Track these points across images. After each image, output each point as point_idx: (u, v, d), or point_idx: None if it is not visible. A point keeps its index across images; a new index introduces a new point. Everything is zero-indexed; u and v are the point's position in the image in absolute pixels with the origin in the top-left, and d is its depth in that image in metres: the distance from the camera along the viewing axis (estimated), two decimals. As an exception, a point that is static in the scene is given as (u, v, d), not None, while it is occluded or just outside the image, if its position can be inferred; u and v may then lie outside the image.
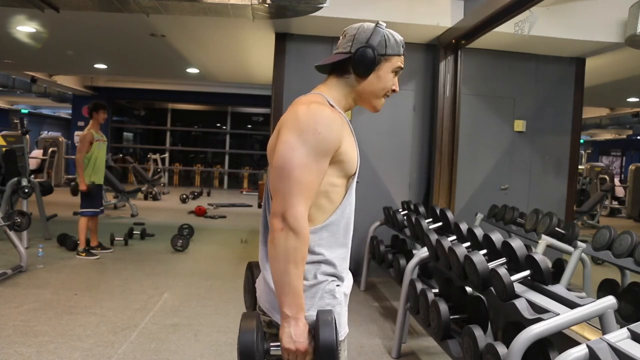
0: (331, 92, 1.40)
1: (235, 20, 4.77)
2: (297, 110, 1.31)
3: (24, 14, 5.16)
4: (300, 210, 1.23)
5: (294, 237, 1.21)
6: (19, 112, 17.10)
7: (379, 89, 1.41)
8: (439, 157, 5.05)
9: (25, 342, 3.19)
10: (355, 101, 1.44)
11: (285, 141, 1.27)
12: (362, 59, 1.36)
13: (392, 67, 1.41)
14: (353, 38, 1.38)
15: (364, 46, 1.36)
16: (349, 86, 1.41)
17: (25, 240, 5.66)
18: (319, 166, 1.26)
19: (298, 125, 1.27)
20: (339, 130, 1.30)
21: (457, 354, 2.61)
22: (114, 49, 7.27)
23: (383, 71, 1.40)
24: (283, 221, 1.22)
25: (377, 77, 1.39)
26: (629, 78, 7.01)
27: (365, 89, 1.41)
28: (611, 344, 1.65)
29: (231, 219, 9.20)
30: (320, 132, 1.25)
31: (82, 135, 5.52)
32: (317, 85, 1.45)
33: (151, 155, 13.81)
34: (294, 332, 1.22)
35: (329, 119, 1.28)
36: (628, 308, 2.94)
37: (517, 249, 2.42)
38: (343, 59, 1.38)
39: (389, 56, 1.39)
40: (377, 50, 1.37)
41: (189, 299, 4.27)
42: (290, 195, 1.23)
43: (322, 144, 1.26)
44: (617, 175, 17.54)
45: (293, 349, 1.22)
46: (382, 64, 1.39)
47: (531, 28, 3.83)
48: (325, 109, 1.31)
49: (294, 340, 1.22)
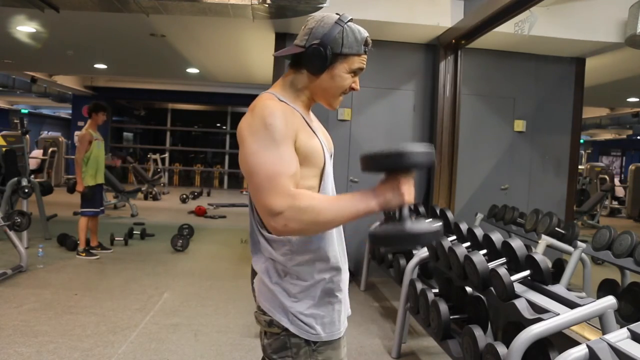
0: (284, 90, 1.34)
1: (235, 20, 4.77)
2: (246, 116, 1.28)
3: (24, 14, 5.16)
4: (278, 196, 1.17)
5: (294, 212, 1.16)
6: (19, 112, 17.10)
7: (333, 88, 1.33)
8: (439, 157, 5.05)
9: (25, 342, 3.19)
10: (311, 98, 1.37)
11: (244, 149, 1.24)
12: (313, 56, 1.27)
13: (350, 68, 1.31)
14: (310, 32, 1.30)
15: (316, 43, 1.27)
16: (302, 82, 1.34)
17: (25, 240, 5.66)
18: (283, 151, 1.21)
19: (250, 130, 1.24)
20: (289, 119, 1.25)
21: (457, 354, 2.61)
22: (114, 49, 7.27)
23: (338, 70, 1.30)
24: (274, 217, 1.17)
25: (330, 77, 1.30)
26: (629, 78, 7.01)
27: (318, 87, 1.33)
28: (611, 344, 1.65)
29: (231, 219, 9.20)
30: (270, 123, 1.21)
31: (80, 135, 5.52)
32: (276, 82, 1.40)
33: (151, 155, 13.81)
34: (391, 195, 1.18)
35: (274, 110, 1.24)
36: (628, 308, 2.94)
37: (517, 249, 2.42)
38: (297, 53, 1.32)
39: (345, 55, 1.29)
40: (332, 48, 1.28)
41: (189, 299, 4.27)
42: (265, 192, 1.18)
43: (277, 133, 1.21)
44: (617, 175, 17.54)
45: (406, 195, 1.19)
46: (336, 64, 1.29)
47: (531, 28, 3.83)
48: (269, 102, 1.27)
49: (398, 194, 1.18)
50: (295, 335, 1.32)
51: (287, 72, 1.38)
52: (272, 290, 1.33)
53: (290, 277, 1.32)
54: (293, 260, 1.30)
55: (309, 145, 1.28)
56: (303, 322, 1.31)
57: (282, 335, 1.33)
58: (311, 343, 1.33)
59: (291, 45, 1.35)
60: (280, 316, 1.32)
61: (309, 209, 1.16)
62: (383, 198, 1.18)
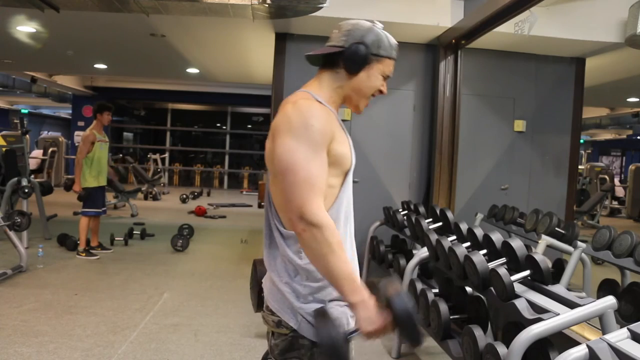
0: (320, 90, 1.39)
1: (235, 20, 4.77)
2: (286, 111, 1.31)
3: (24, 14, 5.16)
4: (315, 204, 1.22)
5: (319, 232, 1.21)
6: (19, 112, 17.08)
7: (367, 88, 1.39)
8: (439, 157, 5.04)
9: (25, 342, 3.19)
10: (343, 99, 1.42)
11: (281, 144, 1.27)
12: (354, 54, 1.34)
13: (383, 70, 1.39)
14: (348, 33, 1.37)
15: (358, 42, 1.34)
16: (338, 81, 1.39)
17: (25, 240, 5.65)
18: (320, 158, 1.26)
19: (290, 126, 1.27)
20: (329, 122, 1.30)
21: (457, 354, 2.61)
22: (114, 49, 7.26)
23: (374, 70, 1.38)
24: (303, 222, 1.22)
25: (367, 76, 1.38)
26: (629, 78, 7.00)
27: (354, 86, 1.39)
28: (611, 344, 1.65)
29: (231, 219, 9.20)
30: (312, 124, 1.26)
31: (84, 135, 5.51)
32: (309, 81, 1.43)
33: (151, 155, 13.81)
34: (367, 315, 1.21)
35: (316, 112, 1.28)
36: (628, 308, 2.94)
37: (517, 249, 2.42)
38: (335, 53, 1.37)
39: (381, 57, 1.37)
40: (370, 48, 1.35)
41: (189, 299, 4.27)
42: (301, 194, 1.23)
43: (317, 136, 1.26)
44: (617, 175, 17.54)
45: (373, 330, 1.22)
46: (373, 64, 1.37)
47: (531, 28, 3.83)
48: (312, 102, 1.31)
49: (371, 323, 1.21)
50: (304, 337, 1.32)
51: (320, 72, 1.42)
52: (281, 290, 1.33)
53: (300, 277, 1.33)
54: (305, 259, 1.31)
55: (341, 150, 1.33)
56: (312, 323, 1.31)
57: (290, 336, 1.34)
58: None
59: (323, 46, 1.41)
60: (288, 317, 1.33)
61: (329, 245, 1.21)
62: (362, 311, 1.22)
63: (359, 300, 1.22)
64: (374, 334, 1.22)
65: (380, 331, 1.22)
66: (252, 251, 6.32)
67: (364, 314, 1.22)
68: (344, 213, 1.37)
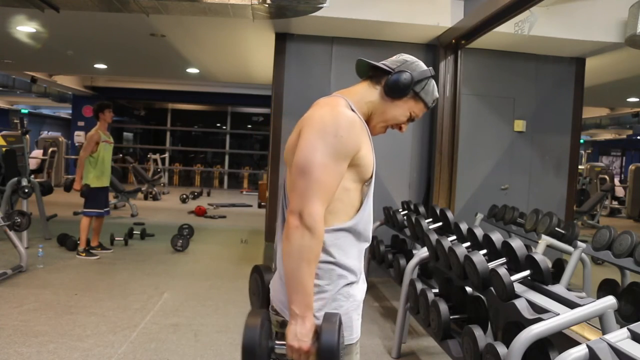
0: (355, 97, 1.41)
1: (235, 20, 4.77)
2: (321, 111, 1.32)
3: (24, 14, 5.16)
4: (317, 209, 1.24)
5: (309, 236, 1.23)
6: (19, 112, 17.09)
7: (392, 117, 1.43)
8: (439, 157, 5.05)
9: (25, 342, 3.19)
10: (369, 115, 1.44)
11: (307, 139, 1.28)
12: (398, 81, 1.39)
13: (413, 110, 1.44)
14: (404, 62, 1.42)
15: (408, 72, 1.39)
16: (372, 97, 1.42)
17: (25, 240, 5.65)
18: (338, 168, 1.28)
19: (320, 127, 1.29)
20: (359, 134, 1.32)
21: (457, 354, 2.61)
22: (114, 49, 7.26)
23: (406, 105, 1.42)
24: (299, 219, 1.23)
25: (398, 106, 1.42)
26: (629, 78, 7.01)
27: (383, 109, 1.42)
28: (611, 344, 1.65)
29: (231, 219, 9.20)
30: (342, 135, 1.27)
31: (89, 135, 5.50)
32: (348, 88, 1.46)
33: (151, 155, 13.81)
34: (299, 331, 1.23)
35: (350, 123, 1.30)
36: (628, 308, 2.94)
37: (517, 249, 2.42)
38: (384, 70, 1.41)
39: (419, 98, 1.43)
40: (415, 84, 1.40)
41: (189, 299, 4.27)
42: (308, 193, 1.24)
43: (343, 147, 1.28)
44: (617, 175, 17.54)
45: (296, 347, 1.23)
46: (409, 99, 1.42)
47: (531, 28, 3.83)
48: (347, 112, 1.33)
49: (299, 339, 1.23)
50: None
51: (361, 82, 1.46)
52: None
53: None
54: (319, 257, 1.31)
55: (367, 160, 1.35)
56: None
57: None
58: None
59: (380, 62, 1.44)
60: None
61: (307, 251, 1.24)
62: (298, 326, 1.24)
63: (300, 313, 1.24)
64: (295, 351, 1.24)
65: (303, 353, 1.24)
66: (252, 251, 6.32)
67: (297, 329, 1.24)
68: (363, 225, 1.37)
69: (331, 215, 1.32)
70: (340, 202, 1.32)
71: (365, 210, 1.37)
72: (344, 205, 1.33)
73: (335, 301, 1.33)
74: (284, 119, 5.16)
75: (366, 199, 1.37)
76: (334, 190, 1.28)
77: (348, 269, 1.35)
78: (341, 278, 1.34)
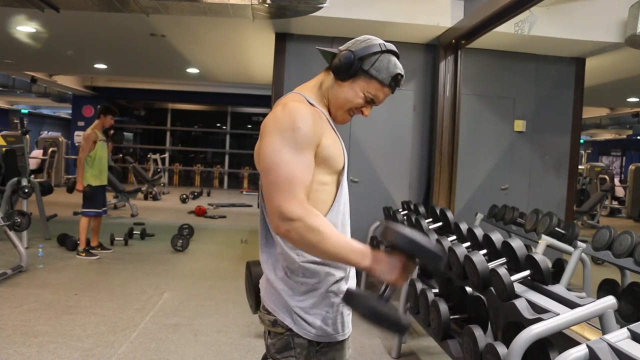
0: (312, 91, 1.39)
1: (235, 20, 4.77)
2: (275, 111, 1.31)
3: (24, 14, 5.16)
4: (294, 202, 1.20)
5: (301, 223, 1.19)
6: (19, 112, 17.09)
7: (344, 100, 1.36)
8: (439, 157, 5.05)
9: (25, 342, 3.19)
10: (327, 104, 1.40)
11: (267, 144, 1.27)
12: (341, 61, 1.33)
13: (367, 89, 1.35)
14: (354, 42, 1.36)
15: (350, 51, 1.33)
16: (327, 84, 1.39)
17: (25, 240, 5.65)
18: (305, 159, 1.25)
19: (277, 126, 1.27)
20: (317, 123, 1.29)
21: (457, 354, 2.60)
22: (114, 49, 7.27)
23: (357, 85, 1.34)
24: (284, 220, 1.21)
25: (349, 88, 1.35)
26: (629, 78, 7.00)
27: (335, 93, 1.37)
28: (611, 344, 1.65)
29: (231, 219, 9.20)
30: (299, 126, 1.25)
31: (85, 134, 5.51)
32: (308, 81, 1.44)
33: (151, 155, 13.81)
34: (386, 267, 1.21)
35: (305, 114, 1.28)
36: (628, 308, 2.94)
37: (517, 249, 2.42)
38: (335, 55, 1.36)
39: (370, 76, 1.33)
40: (362, 62, 1.32)
41: (189, 299, 4.27)
42: (280, 194, 1.22)
43: (303, 138, 1.25)
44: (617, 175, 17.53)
45: (398, 275, 1.22)
46: (359, 79, 1.34)
47: (531, 28, 3.83)
48: (301, 105, 1.30)
49: (392, 270, 1.21)
50: (299, 336, 1.33)
51: (322, 72, 1.42)
52: (277, 289, 1.33)
53: (296, 274, 1.33)
54: (303, 257, 1.31)
55: (333, 150, 1.32)
56: (307, 322, 1.32)
57: (286, 335, 1.34)
58: (314, 344, 1.34)
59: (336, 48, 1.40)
60: (284, 316, 1.33)
61: (315, 231, 1.19)
62: (378, 266, 1.21)
63: (370, 261, 1.21)
64: (400, 278, 1.22)
65: (404, 273, 1.21)
66: (252, 251, 6.32)
67: (381, 268, 1.21)
68: (341, 216, 1.37)
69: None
70: (318, 198, 1.31)
71: (340, 201, 1.36)
72: (322, 201, 1.32)
73: (326, 298, 1.33)
74: (284, 119, 5.15)
75: (340, 189, 1.35)
76: (308, 181, 1.25)
77: (334, 265, 1.34)
78: (329, 275, 1.33)
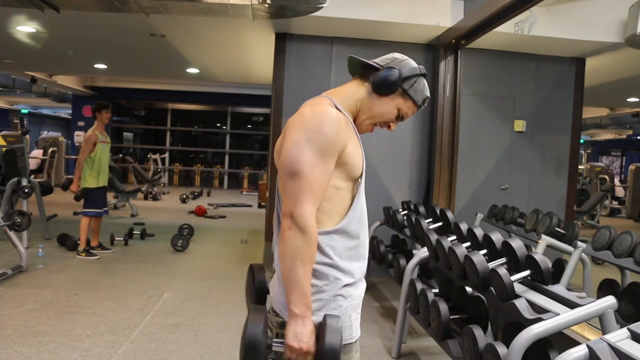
0: (341, 97, 1.41)
1: (235, 20, 4.77)
2: (304, 111, 1.33)
3: (24, 14, 5.16)
4: (308, 208, 1.24)
5: (301, 236, 1.23)
6: (19, 112, 17.10)
7: (379, 114, 1.42)
8: (439, 157, 5.05)
9: (25, 342, 3.19)
10: (357, 113, 1.44)
11: (291, 141, 1.28)
12: (386, 77, 1.38)
13: (402, 107, 1.42)
14: (394, 60, 1.42)
15: (396, 69, 1.38)
16: (360, 94, 1.42)
17: (25, 240, 5.65)
18: (325, 166, 1.28)
19: (304, 126, 1.29)
20: (344, 130, 1.31)
21: (457, 354, 2.61)
22: (114, 49, 7.26)
23: (394, 102, 1.41)
24: (291, 220, 1.24)
25: (386, 103, 1.41)
26: (629, 78, 7.00)
27: (370, 105, 1.42)
28: (611, 344, 1.65)
29: (231, 219, 9.20)
30: (326, 132, 1.27)
31: (86, 136, 5.50)
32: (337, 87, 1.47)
33: (151, 155, 13.81)
34: (300, 331, 1.23)
35: (334, 120, 1.30)
36: (628, 308, 2.94)
37: (517, 249, 2.42)
38: (373, 67, 1.41)
39: (407, 96, 1.41)
40: (403, 81, 1.39)
41: (189, 299, 4.27)
42: (297, 194, 1.25)
43: (328, 144, 1.27)
44: (617, 175, 17.54)
45: (297, 347, 1.23)
46: (397, 96, 1.41)
47: (531, 28, 3.83)
48: (331, 110, 1.32)
49: (299, 339, 1.23)
50: None
51: (352, 80, 1.46)
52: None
53: None
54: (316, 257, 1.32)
55: (354, 157, 1.34)
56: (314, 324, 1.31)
57: None
58: None
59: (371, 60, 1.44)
60: None
61: (302, 251, 1.24)
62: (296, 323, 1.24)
63: (300, 314, 1.24)
64: (295, 351, 1.24)
65: (302, 353, 1.24)
66: (252, 251, 6.32)
67: (297, 329, 1.24)
68: (355, 223, 1.37)
69: (324, 215, 1.32)
70: (332, 202, 1.32)
71: (357, 208, 1.37)
72: (335, 205, 1.34)
73: (334, 301, 1.33)
74: (284, 119, 5.15)
75: (357, 197, 1.37)
76: (324, 188, 1.28)
77: (344, 270, 1.34)
78: (338, 280, 1.34)
